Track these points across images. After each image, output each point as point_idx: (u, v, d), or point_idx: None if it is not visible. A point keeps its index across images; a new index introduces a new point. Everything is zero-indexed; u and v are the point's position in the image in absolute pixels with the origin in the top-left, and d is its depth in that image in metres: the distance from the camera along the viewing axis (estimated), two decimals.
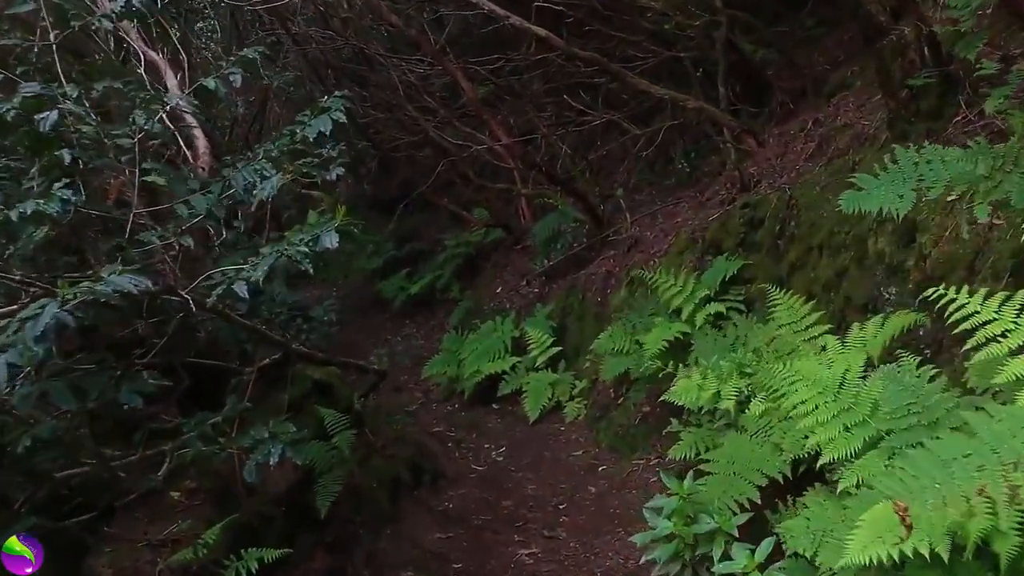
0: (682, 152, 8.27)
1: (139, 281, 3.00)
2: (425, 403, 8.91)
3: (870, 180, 3.50)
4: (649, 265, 7.03)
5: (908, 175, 3.47)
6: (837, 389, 3.58)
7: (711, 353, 5.12)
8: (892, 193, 3.44)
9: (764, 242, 5.70)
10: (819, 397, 3.55)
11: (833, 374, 3.80)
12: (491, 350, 8.19)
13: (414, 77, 9.74)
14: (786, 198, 5.58)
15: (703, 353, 5.26)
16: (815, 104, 6.89)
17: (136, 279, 3.02)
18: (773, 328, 4.73)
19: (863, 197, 3.50)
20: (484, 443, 7.44)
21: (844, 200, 3.52)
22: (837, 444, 3.29)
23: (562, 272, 8.75)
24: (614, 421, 6.63)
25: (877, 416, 3.28)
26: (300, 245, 3.41)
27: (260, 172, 3.66)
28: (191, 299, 3.66)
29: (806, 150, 6.11)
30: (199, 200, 3.73)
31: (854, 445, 3.26)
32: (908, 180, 3.45)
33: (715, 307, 5.77)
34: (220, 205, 3.74)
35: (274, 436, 3.62)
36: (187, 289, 3.79)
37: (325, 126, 3.78)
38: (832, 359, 4.10)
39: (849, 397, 3.42)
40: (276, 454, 3.55)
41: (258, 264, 3.34)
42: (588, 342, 7.59)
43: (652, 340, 5.75)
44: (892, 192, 3.44)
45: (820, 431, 3.37)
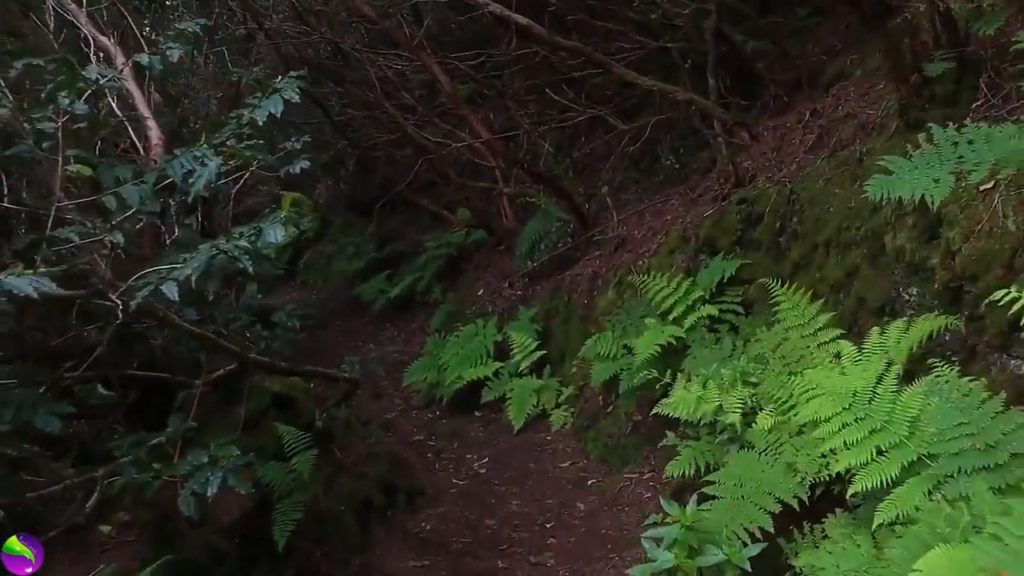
0: (670, 148, 7.73)
1: (40, 283, 2.40)
2: (405, 410, 8.31)
3: (902, 163, 2.97)
4: (638, 265, 6.48)
5: (946, 156, 2.94)
6: (864, 403, 3.03)
7: (710, 360, 4.57)
8: (927, 177, 2.91)
9: (763, 240, 5.16)
10: (842, 413, 3.00)
11: (853, 384, 3.27)
12: (473, 355, 7.60)
13: (392, 73, 9.15)
14: (787, 192, 5.05)
15: (701, 360, 4.71)
16: (811, 96, 6.37)
17: (38, 281, 2.42)
18: (780, 332, 4.19)
19: (893, 182, 2.97)
20: (466, 453, 6.85)
21: (872, 186, 2.99)
22: (870, 470, 2.74)
23: (546, 273, 8.19)
24: (603, 431, 6.06)
25: (917, 437, 2.73)
26: (240, 240, 2.81)
27: (200, 159, 3.05)
28: (120, 304, 3.05)
29: (805, 142, 5.58)
30: (131, 191, 3.12)
31: (890, 471, 2.71)
32: (946, 162, 2.92)
33: (710, 309, 5.22)
34: (154, 198, 3.12)
35: (214, 461, 3.02)
36: (119, 292, 3.18)
37: (276, 107, 3.20)
38: (848, 367, 3.56)
39: (881, 414, 2.87)
40: (215, 483, 2.95)
41: (188, 263, 2.74)
42: (574, 346, 7.03)
43: (643, 345, 5.19)
44: (927, 176, 2.91)
45: (849, 454, 2.82)
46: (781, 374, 4.05)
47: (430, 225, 11.37)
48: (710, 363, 4.54)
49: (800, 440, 3.64)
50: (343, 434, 4.90)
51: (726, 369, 4.16)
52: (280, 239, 2.87)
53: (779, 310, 4.35)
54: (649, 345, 5.13)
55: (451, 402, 7.72)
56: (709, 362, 4.45)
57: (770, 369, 4.08)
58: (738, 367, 4.12)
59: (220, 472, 2.95)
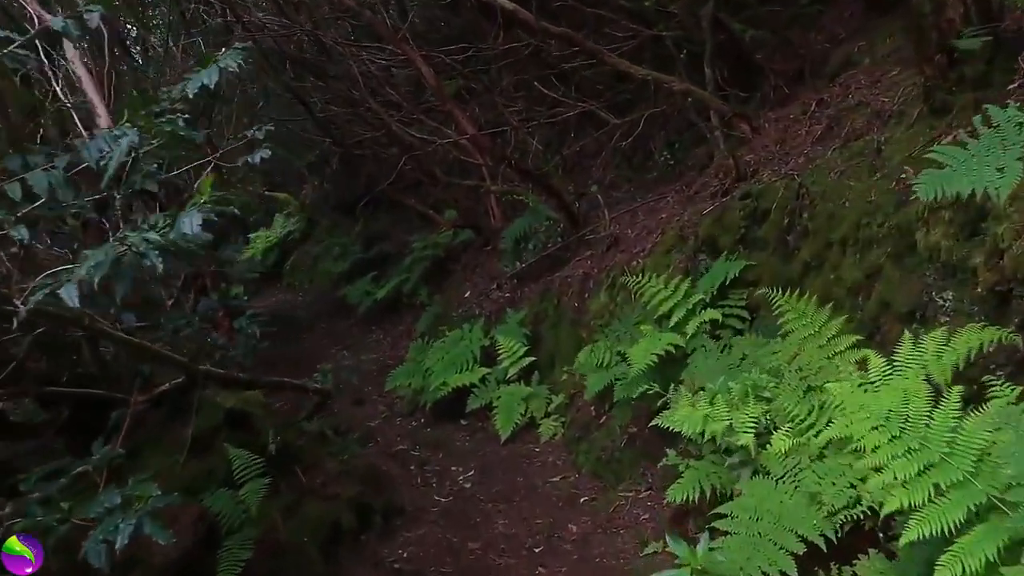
0: (664, 143, 7.16)
1: None
2: (389, 417, 7.70)
3: (957, 153, 2.40)
4: (632, 266, 5.90)
5: (1012, 140, 2.37)
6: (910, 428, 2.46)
7: (714, 371, 4.00)
8: (989, 167, 2.34)
9: (770, 238, 4.60)
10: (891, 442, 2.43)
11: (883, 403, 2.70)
12: (459, 360, 7.01)
13: (376, 69, 8.54)
14: (796, 186, 4.48)
15: (704, 370, 4.14)
16: (814, 86, 5.82)
17: None
18: (795, 342, 3.61)
19: (947, 177, 2.41)
20: (451, 465, 6.26)
21: (922, 184, 2.43)
22: (929, 513, 2.17)
23: (535, 274, 7.61)
24: (596, 443, 5.48)
25: (986, 476, 2.16)
26: (149, 232, 2.21)
27: (118, 139, 2.46)
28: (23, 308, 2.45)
29: (813, 133, 5.02)
30: (38, 178, 2.52)
31: (954, 516, 2.14)
32: (1012, 147, 2.35)
33: (712, 314, 4.65)
34: (67, 186, 2.52)
35: (128, 503, 2.42)
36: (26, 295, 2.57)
37: (210, 78, 2.60)
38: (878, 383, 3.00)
39: (939, 444, 2.29)
40: (126, 531, 2.35)
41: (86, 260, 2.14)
42: (564, 351, 6.45)
43: (639, 354, 4.62)
44: (989, 165, 2.34)
45: (902, 492, 2.24)
46: (798, 389, 3.49)
47: (417, 225, 10.78)
48: (715, 374, 3.97)
49: (823, 466, 3.08)
50: (313, 451, 4.31)
51: (735, 383, 3.59)
52: (196, 230, 2.26)
53: (785, 321, 3.78)
54: (646, 354, 4.56)
55: (436, 409, 7.13)
56: (714, 373, 3.88)
57: (785, 383, 3.52)
58: (749, 380, 3.55)
59: (133, 518, 2.35)
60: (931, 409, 2.39)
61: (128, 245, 2.12)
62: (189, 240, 2.26)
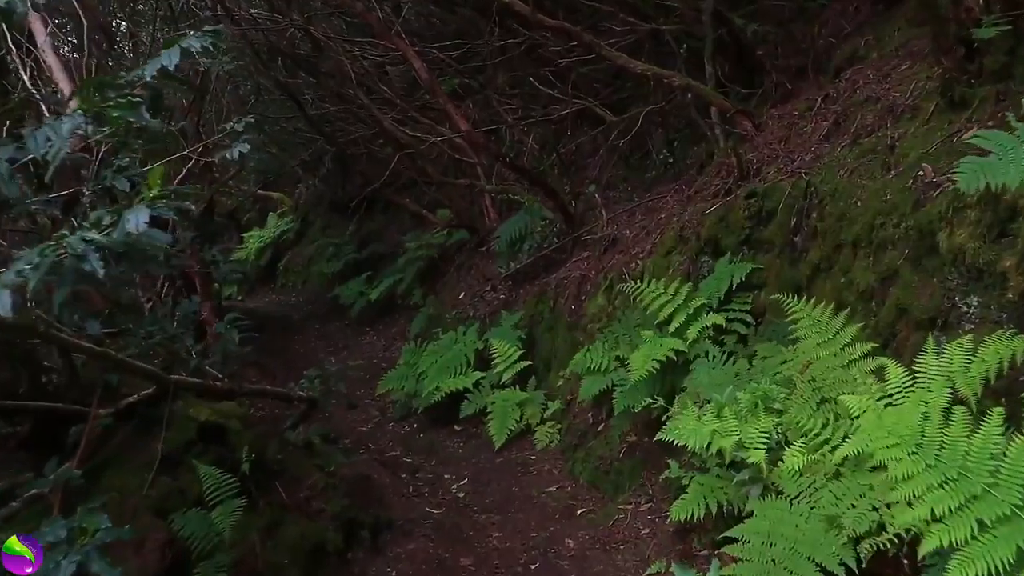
0: (663, 141, 6.89)
1: None
2: (381, 422, 7.43)
3: (1003, 139, 2.12)
4: (631, 268, 5.64)
5: None
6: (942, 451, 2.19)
7: (719, 380, 3.73)
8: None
9: (776, 239, 4.33)
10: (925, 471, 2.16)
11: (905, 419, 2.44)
12: (452, 364, 6.73)
13: (369, 65, 8.25)
14: (803, 185, 4.21)
15: (710, 381, 3.87)
16: (818, 82, 5.55)
17: None
18: (807, 349, 3.34)
19: (990, 166, 2.15)
20: (444, 472, 5.99)
21: (963, 174, 2.16)
22: (974, 552, 1.90)
23: (531, 275, 7.33)
24: (593, 452, 5.22)
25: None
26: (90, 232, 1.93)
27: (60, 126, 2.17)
28: None
29: (819, 130, 4.75)
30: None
31: (1002, 554, 1.87)
32: None
33: (715, 319, 4.38)
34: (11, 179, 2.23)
35: (71, 538, 2.14)
36: None
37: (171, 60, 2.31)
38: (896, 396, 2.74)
39: (982, 474, 2.02)
40: (68, 570, 2.07)
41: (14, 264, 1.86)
42: (561, 356, 6.18)
43: (639, 360, 4.35)
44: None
45: (939, 529, 1.97)
46: (811, 400, 3.21)
47: (412, 225, 10.49)
48: (720, 383, 3.70)
49: (841, 486, 2.82)
50: (297, 463, 4.02)
51: (744, 393, 3.31)
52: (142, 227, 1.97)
53: (798, 328, 3.51)
54: (646, 361, 4.29)
55: (429, 414, 6.87)
56: (719, 382, 3.62)
57: (797, 394, 3.24)
58: (758, 391, 3.28)
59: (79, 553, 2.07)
60: (969, 431, 2.11)
61: (65, 246, 1.83)
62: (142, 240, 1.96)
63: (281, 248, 12.61)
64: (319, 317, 11.04)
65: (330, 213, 11.87)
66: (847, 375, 3.15)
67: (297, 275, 12.15)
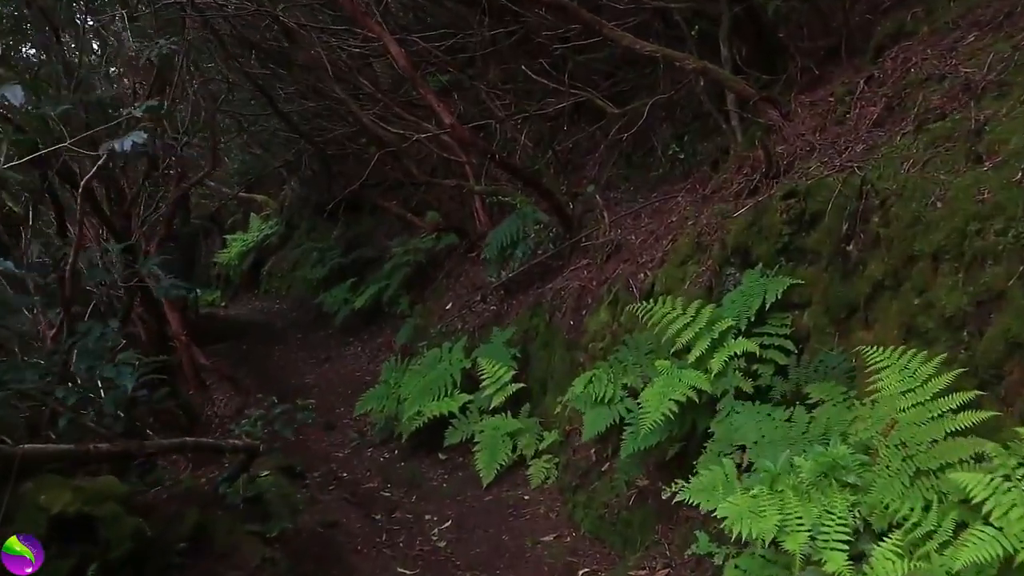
0: (671, 135, 5.94)
1: None
2: (359, 447, 6.49)
3: None
4: (638, 279, 4.70)
5: None
6: None
7: (770, 441, 2.78)
8: None
9: (823, 248, 3.38)
10: None
11: None
12: (436, 385, 5.79)
13: (347, 57, 7.28)
14: (857, 182, 3.27)
15: (745, 427, 2.92)
16: (854, 64, 4.62)
17: None
18: (891, 400, 2.40)
19: None
20: (425, 511, 5.06)
21: None
22: None
23: (524, 285, 6.40)
24: (597, 496, 4.28)
25: None
26: None
27: None
28: None
29: (867, 116, 3.81)
30: None
31: None
32: None
33: (745, 345, 3.44)
34: None
35: None
36: None
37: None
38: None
39: None
40: None
41: None
42: (558, 378, 5.24)
43: (653, 400, 3.41)
44: None
45: None
46: (901, 473, 2.27)
47: (400, 229, 9.55)
48: (773, 446, 2.75)
49: None
50: (227, 536, 3.07)
51: (805, 460, 2.36)
52: None
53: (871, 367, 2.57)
54: (662, 400, 3.35)
55: (411, 439, 5.92)
56: (771, 445, 2.67)
57: (881, 464, 2.30)
58: (825, 458, 2.33)
59: None
60: None
61: None
62: None
63: (265, 252, 11.64)
64: (302, 325, 10.10)
65: (315, 216, 10.91)
66: (948, 439, 2.21)
67: (281, 281, 11.19)
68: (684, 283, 4.24)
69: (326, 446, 6.63)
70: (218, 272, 12.39)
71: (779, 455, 2.46)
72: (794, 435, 2.66)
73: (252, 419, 3.49)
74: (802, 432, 2.64)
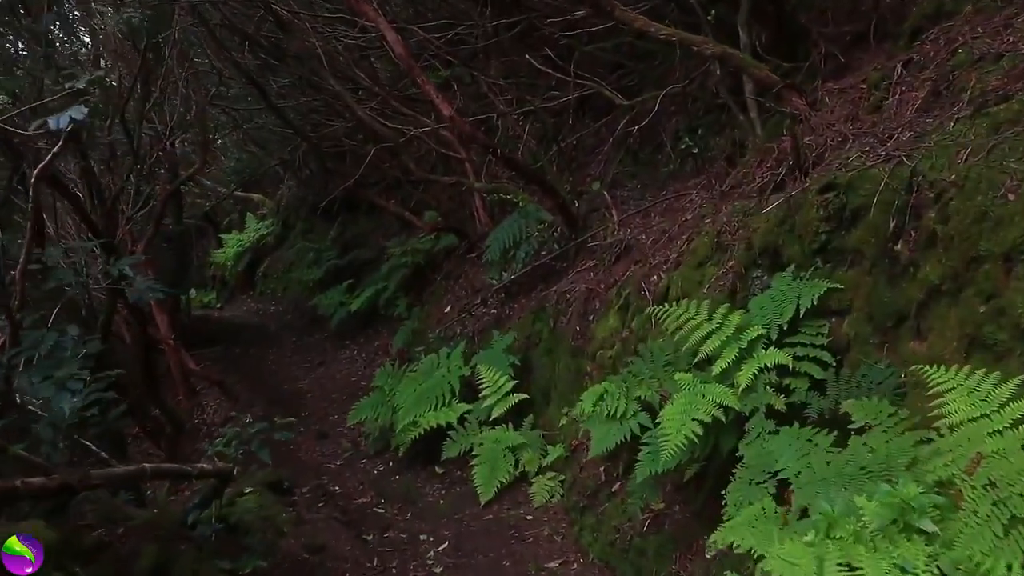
0: (685, 129, 5.50)
1: None
2: (353, 458, 6.07)
3: None
4: (651, 282, 4.26)
5: None
6: None
7: (820, 477, 2.33)
8: None
9: (865, 248, 2.95)
10: None
11: None
12: (433, 394, 5.35)
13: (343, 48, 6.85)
14: (906, 174, 2.83)
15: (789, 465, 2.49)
16: (885, 49, 4.20)
17: None
18: (976, 432, 1.96)
19: None
20: (420, 530, 4.62)
21: None
22: None
23: (526, 287, 5.97)
24: (606, 519, 3.84)
25: None
26: None
27: None
28: None
29: (909, 101, 3.39)
30: None
31: None
32: None
33: (777, 356, 3.00)
34: None
35: None
36: None
37: None
38: None
39: None
40: None
41: None
42: (563, 387, 4.82)
43: (674, 420, 2.97)
44: None
45: None
46: (991, 521, 1.83)
47: (398, 229, 9.11)
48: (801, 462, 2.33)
49: None
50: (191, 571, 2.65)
51: (869, 501, 1.93)
52: None
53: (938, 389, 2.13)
54: (684, 421, 2.91)
55: (407, 451, 5.48)
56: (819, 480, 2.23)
57: (967, 509, 1.86)
58: (893, 499, 1.89)
59: None
60: None
61: None
62: None
63: (261, 252, 11.21)
64: (297, 328, 9.67)
65: (312, 216, 10.46)
66: None
67: (277, 282, 10.76)
68: (702, 286, 3.81)
69: (318, 456, 6.20)
70: (214, 273, 11.96)
71: (831, 492, 2.03)
72: (847, 468, 2.22)
73: (226, 438, 3.06)
74: (860, 466, 2.20)
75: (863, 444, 2.26)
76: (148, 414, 6.42)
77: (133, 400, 6.38)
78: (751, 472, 2.73)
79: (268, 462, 3.09)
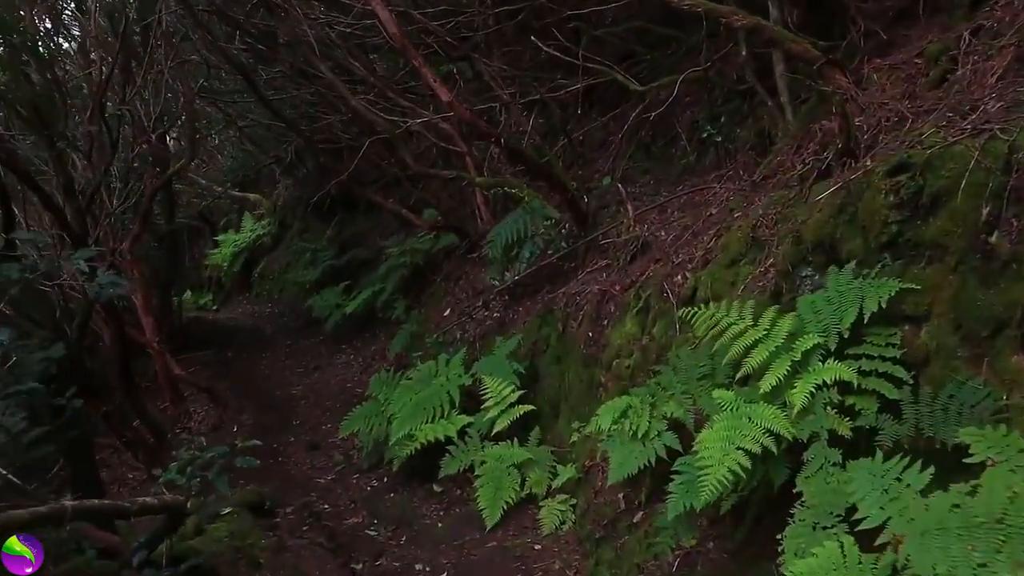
0: (707, 116, 4.92)
1: None
2: (345, 471, 5.49)
3: None
4: (674, 283, 3.70)
5: None
6: None
7: (936, 528, 1.75)
8: None
9: (949, 241, 2.38)
10: None
11: None
12: (430, 404, 4.77)
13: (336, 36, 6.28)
14: (1002, 150, 2.27)
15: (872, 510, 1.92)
16: (938, 22, 3.63)
17: None
18: None
19: None
20: (415, 557, 4.06)
21: None
22: None
23: (532, 289, 5.40)
24: (628, 555, 3.26)
25: None
26: None
27: None
28: None
29: (984, 71, 2.83)
30: None
31: None
32: None
33: (839, 370, 2.43)
34: None
35: None
36: None
37: None
38: None
39: None
40: None
41: None
42: (574, 399, 4.24)
43: (715, 448, 2.43)
44: None
45: None
46: None
47: (396, 228, 8.53)
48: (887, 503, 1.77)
49: None
50: None
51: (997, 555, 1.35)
52: None
53: None
54: (726, 450, 2.37)
55: (403, 466, 4.89)
56: (879, 498, 1.67)
57: None
58: None
59: None
60: None
61: None
62: None
63: (257, 253, 10.64)
64: (293, 331, 9.08)
65: (309, 216, 9.88)
66: None
67: (273, 283, 10.19)
68: (736, 287, 3.25)
69: (308, 470, 5.63)
70: (210, 274, 11.39)
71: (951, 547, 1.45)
72: (967, 519, 1.65)
73: (179, 465, 2.50)
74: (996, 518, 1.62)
75: (1006, 488, 1.67)
76: (128, 422, 5.85)
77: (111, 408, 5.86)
78: (815, 513, 2.17)
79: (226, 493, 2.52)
